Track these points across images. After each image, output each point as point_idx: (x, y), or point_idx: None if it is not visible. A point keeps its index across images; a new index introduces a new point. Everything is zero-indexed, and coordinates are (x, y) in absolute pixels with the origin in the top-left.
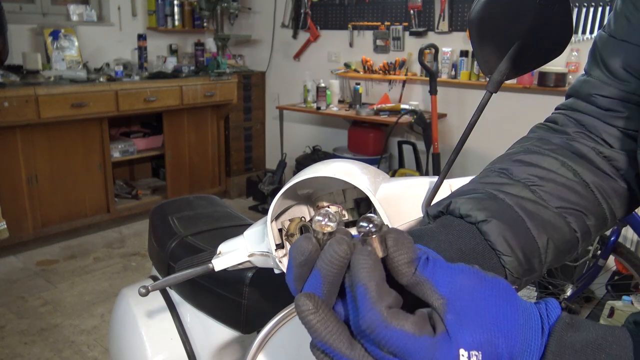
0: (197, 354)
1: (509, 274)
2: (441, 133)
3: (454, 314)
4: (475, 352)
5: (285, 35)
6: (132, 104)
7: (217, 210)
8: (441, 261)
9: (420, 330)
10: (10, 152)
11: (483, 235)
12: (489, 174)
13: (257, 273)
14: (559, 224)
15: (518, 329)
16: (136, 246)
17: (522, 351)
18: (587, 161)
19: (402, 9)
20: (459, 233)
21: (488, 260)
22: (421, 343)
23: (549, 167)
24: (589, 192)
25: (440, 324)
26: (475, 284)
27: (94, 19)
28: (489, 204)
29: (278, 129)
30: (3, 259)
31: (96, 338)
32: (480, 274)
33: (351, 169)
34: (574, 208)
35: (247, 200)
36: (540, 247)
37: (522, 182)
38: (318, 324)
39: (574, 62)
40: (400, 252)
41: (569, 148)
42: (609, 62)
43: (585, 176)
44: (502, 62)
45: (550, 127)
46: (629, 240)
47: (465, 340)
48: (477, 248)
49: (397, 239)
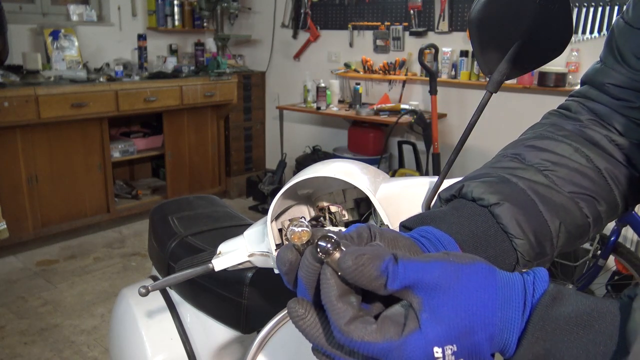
0: (197, 354)
1: (520, 257)
2: (441, 133)
3: (430, 312)
4: (450, 346)
5: (285, 35)
6: (132, 104)
7: (217, 210)
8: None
9: (383, 336)
10: (10, 152)
11: (495, 218)
12: (502, 159)
13: (257, 273)
14: (571, 208)
15: (496, 312)
16: (136, 246)
17: (501, 330)
18: (599, 148)
19: (402, 9)
20: (471, 216)
21: (500, 243)
22: (386, 347)
23: (562, 152)
24: (601, 178)
25: (414, 322)
26: (450, 280)
27: (94, 19)
28: (502, 188)
29: (278, 129)
30: (3, 259)
31: (96, 338)
32: (456, 266)
33: (351, 169)
34: (586, 193)
35: (247, 200)
36: (552, 231)
37: (535, 166)
38: (308, 328)
39: (574, 62)
40: (360, 275)
41: (581, 135)
42: (623, 51)
43: (597, 162)
44: (502, 62)
45: (563, 114)
46: (629, 240)
47: (439, 337)
48: (489, 231)
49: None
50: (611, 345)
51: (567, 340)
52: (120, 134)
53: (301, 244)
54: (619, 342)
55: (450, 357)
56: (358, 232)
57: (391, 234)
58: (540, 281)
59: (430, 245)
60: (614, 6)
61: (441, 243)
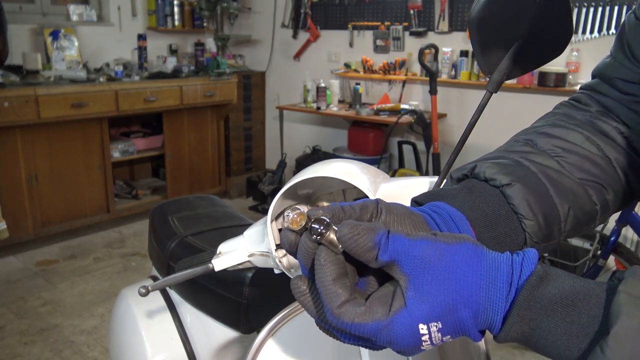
0: (197, 354)
1: (528, 238)
2: (441, 133)
3: (415, 290)
4: (435, 322)
5: (285, 35)
6: (132, 104)
7: (217, 210)
8: (401, 238)
9: (372, 317)
10: (10, 152)
11: (506, 198)
12: (514, 144)
13: (257, 273)
14: (580, 194)
15: (480, 292)
16: (136, 246)
17: (485, 308)
18: (609, 139)
19: (402, 9)
20: (483, 195)
21: (509, 223)
22: (374, 327)
23: (573, 140)
24: (611, 167)
25: (400, 301)
26: (435, 258)
27: (94, 19)
28: (514, 170)
29: (278, 129)
30: (3, 259)
31: (96, 338)
32: (441, 246)
33: (351, 169)
34: (595, 181)
35: (247, 200)
36: (561, 215)
37: (547, 152)
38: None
39: (574, 62)
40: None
41: (592, 125)
42: (633, 47)
43: (608, 152)
44: (502, 62)
45: (574, 104)
46: (629, 240)
47: (424, 314)
48: (499, 211)
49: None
50: (594, 326)
51: (551, 319)
52: (120, 134)
53: (299, 227)
54: (602, 323)
55: (436, 333)
56: (363, 205)
57: (399, 210)
58: (529, 262)
59: (441, 220)
60: (614, 6)
61: (452, 219)
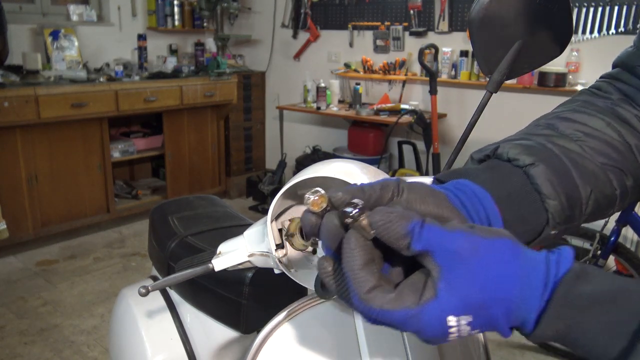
0: (197, 354)
1: (551, 218)
2: (441, 133)
3: (447, 282)
4: (465, 316)
5: (285, 35)
6: (132, 104)
7: (217, 210)
8: (436, 228)
9: (401, 304)
10: (10, 152)
11: (529, 179)
12: (535, 128)
13: (257, 273)
14: (601, 177)
15: (515, 290)
16: (136, 246)
17: (518, 306)
18: (630, 126)
19: (402, 9)
20: (506, 175)
21: (532, 203)
22: (403, 315)
23: (595, 125)
24: (631, 154)
25: (431, 291)
26: (470, 252)
27: (94, 19)
28: (537, 151)
29: (278, 129)
30: (3, 259)
31: (96, 338)
32: (477, 239)
33: (351, 169)
34: (616, 166)
35: (247, 200)
36: (583, 197)
37: (569, 136)
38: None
39: (574, 62)
40: (388, 231)
41: (613, 112)
42: None
43: (628, 138)
44: (502, 62)
45: (594, 92)
46: (629, 240)
47: (454, 307)
48: (522, 190)
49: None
50: (633, 325)
51: (588, 317)
52: (120, 134)
53: (320, 210)
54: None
55: (465, 326)
56: (384, 184)
57: (421, 188)
58: (565, 260)
59: (465, 197)
60: (614, 6)
61: (477, 196)
